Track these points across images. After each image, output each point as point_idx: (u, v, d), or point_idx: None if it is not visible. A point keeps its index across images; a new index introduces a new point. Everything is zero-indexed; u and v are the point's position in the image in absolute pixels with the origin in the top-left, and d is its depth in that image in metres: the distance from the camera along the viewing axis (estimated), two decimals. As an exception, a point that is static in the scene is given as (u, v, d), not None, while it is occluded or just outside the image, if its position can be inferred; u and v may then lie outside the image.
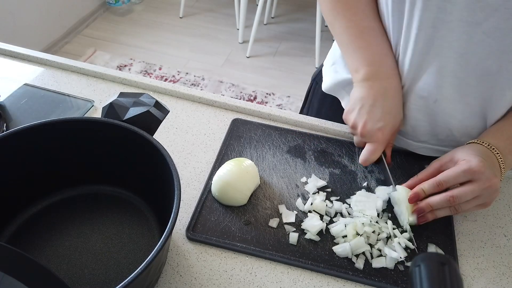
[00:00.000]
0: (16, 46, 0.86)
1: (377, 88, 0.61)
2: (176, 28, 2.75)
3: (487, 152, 0.57)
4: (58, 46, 2.49)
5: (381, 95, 0.61)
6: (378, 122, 0.60)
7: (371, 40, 0.62)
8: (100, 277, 0.51)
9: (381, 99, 0.61)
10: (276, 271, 0.55)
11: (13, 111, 0.73)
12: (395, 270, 0.54)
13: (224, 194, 0.59)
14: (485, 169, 0.53)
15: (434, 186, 0.56)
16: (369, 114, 0.60)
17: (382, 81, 0.61)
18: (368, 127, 0.60)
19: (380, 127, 0.60)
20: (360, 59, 0.63)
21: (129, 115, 0.52)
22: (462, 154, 0.57)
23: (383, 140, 0.61)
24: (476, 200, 0.55)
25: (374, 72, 0.62)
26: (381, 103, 0.60)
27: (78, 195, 0.59)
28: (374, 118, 0.60)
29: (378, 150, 0.61)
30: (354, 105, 0.62)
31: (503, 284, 0.55)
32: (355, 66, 0.64)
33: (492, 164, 0.55)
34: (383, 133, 0.61)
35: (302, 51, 2.62)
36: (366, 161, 0.62)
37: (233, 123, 0.74)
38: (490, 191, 0.54)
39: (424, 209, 0.57)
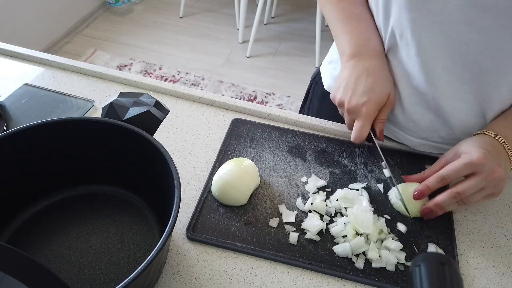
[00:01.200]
0: (16, 46, 0.86)
1: (360, 67, 0.64)
2: (176, 28, 2.75)
3: (494, 142, 0.57)
4: (58, 46, 2.49)
5: (363, 73, 0.63)
6: (362, 97, 0.62)
7: (357, 25, 0.66)
8: (100, 277, 0.51)
9: (364, 77, 0.63)
10: (276, 271, 0.55)
11: (13, 111, 0.73)
12: (395, 270, 0.54)
13: (224, 194, 0.59)
14: (486, 161, 0.53)
15: (437, 181, 0.57)
16: (353, 90, 0.63)
17: (364, 60, 0.64)
18: (353, 103, 0.62)
19: (364, 101, 0.62)
20: (346, 42, 0.66)
21: (129, 115, 0.52)
22: (465, 147, 0.57)
23: (367, 114, 0.62)
24: (482, 192, 0.55)
25: (357, 53, 0.64)
26: (364, 80, 0.62)
27: (78, 195, 0.59)
28: (358, 93, 0.62)
29: (365, 126, 0.62)
30: (340, 84, 0.65)
31: (503, 284, 0.55)
32: (342, 49, 0.67)
33: (498, 154, 0.56)
34: (367, 108, 0.62)
35: (302, 51, 2.62)
36: (356, 138, 0.63)
37: (233, 123, 0.74)
38: (496, 181, 0.54)
39: (432, 209, 0.58)
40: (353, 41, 0.65)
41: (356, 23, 0.65)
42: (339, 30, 0.67)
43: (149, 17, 2.82)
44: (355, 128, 0.63)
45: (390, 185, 0.63)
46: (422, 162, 0.69)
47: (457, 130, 0.65)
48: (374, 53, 0.64)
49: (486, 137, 0.58)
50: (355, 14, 0.66)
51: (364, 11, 0.66)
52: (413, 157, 0.70)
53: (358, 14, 0.66)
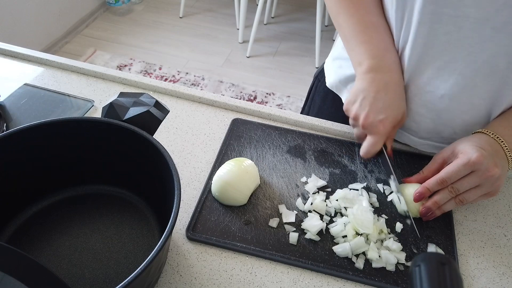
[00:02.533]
0: (16, 46, 0.86)
1: (379, 80, 0.61)
2: (176, 28, 2.75)
3: (492, 142, 0.57)
4: (58, 46, 2.49)
5: (383, 87, 0.61)
6: (380, 114, 0.60)
7: (374, 35, 0.63)
8: (100, 277, 0.51)
9: (383, 92, 0.60)
10: (276, 271, 0.55)
11: (13, 111, 0.73)
12: (395, 270, 0.54)
13: (224, 194, 0.59)
14: (483, 159, 0.53)
15: (437, 184, 0.57)
16: (371, 105, 0.60)
17: (384, 74, 0.61)
18: (370, 119, 0.60)
19: (382, 119, 0.60)
20: (363, 53, 0.63)
21: (129, 115, 0.52)
22: (462, 146, 0.57)
23: (384, 132, 0.61)
24: (478, 190, 0.55)
25: (376, 65, 0.62)
26: (383, 95, 0.60)
27: (78, 195, 0.59)
28: (376, 110, 0.60)
29: (379, 142, 0.61)
30: (356, 96, 0.62)
31: (503, 284, 0.55)
32: (358, 60, 0.64)
33: (495, 153, 0.56)
34: (384, 125, 0.60)
35: (302, 51, 2.62)
36: (367, 153, 0.62)
37: (233, 123, 0.74)
38: (491, 180, 0.54)
39: (431, 208, 0.58)
40: (371, 52, 0.62)
41: (373, 33, 0.63)
42: (355, 40, 0.64)
43: (149, 17, 2.82)
44: (367, 143, 0.61)
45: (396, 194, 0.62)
46: (422, 162, 0.69)
47: (460, 131, 0.65)
48: (392, 66, 0.62)
49: (484, 136, 0.58)
50: (372, 23, 0.63)
51: (380, 21, 0.63)
52: (413, 157, 0.70)
53: (374, 23, 0.63)
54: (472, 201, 0.57)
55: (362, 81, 0.62)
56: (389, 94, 0.61)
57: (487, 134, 0.58)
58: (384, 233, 0.57)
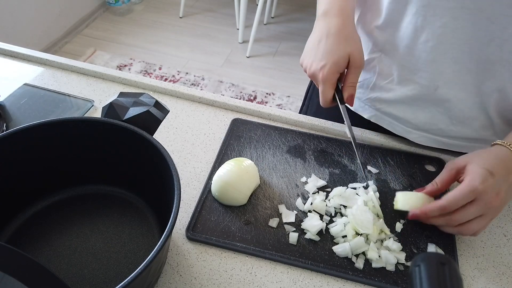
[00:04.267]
0: (16, 46, 0.86)
1: (321, 26, 0.62)
2: (176, 28, 2.75)
3: (507, 158, 0.54)
4: (58, 46, 2.49)
5: (325, 34, 0.61)
6: (320, 61, 0.60)
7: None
8: (100, 277, 0.51)
9: (324, 39, 0.61)
10: (276, 271, 0.55)
11: (13, 111, 0.73)
12: (395, 270, 0.54)
13: (224, 194, 0.59)
14: (487, 189, 0.51)
15: (438, 211, 0.54)
16: (313, 55, 0.61)
17: (327, 19, 0.62)
18: (313, 68, 0.61)
19: (322, 66, 0.60)
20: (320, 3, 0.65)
21: (129, 115, 0.52)
22: (473, 166, 0.54)
23: (325, 78, 0.60)
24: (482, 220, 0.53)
25: (324, 13, 0.63)
26: (324, 42, 0.61)
27: (78, 195, 0.59)
28: (317, 58, 0.61)
29: (325, 90, 0.61)
30: (305, 49, 0.64)
31: (503, 284, 0.55)
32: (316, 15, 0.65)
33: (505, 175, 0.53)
34: (323, 72, 0.60)
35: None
36: (321, 102, 0.62)
37: (233, 123, 0.74)
38: (493, 209, 0.53)
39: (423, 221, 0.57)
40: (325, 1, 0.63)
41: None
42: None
43: (149, 17, 2.82)
44: (320, 93, 0.62)
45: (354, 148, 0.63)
46: (422, 162, 0.69)
47: (456, 121, 0.65)
48: (338, 11, 0.62)
49: (503, 150, 0.55)
50: None
51: None
52: (413, 157, 0.70)
53: None
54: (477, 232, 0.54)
55: (312, 33, 0.64)
56: (330, 39, 0.60)
57: (506, 146, 0.56)
58: (384, 233, 0.58)
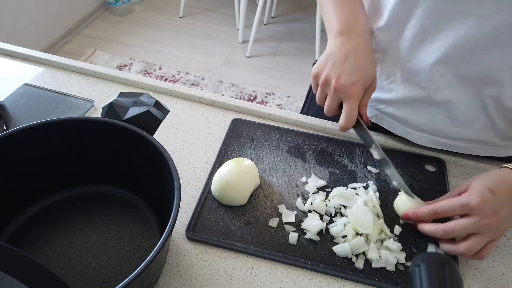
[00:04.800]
0: (16, 46, 0.86)
1: (349, 45, 0.61)
2: (176, 28, 2.75)
3: None
4: (58, 46, 2.49)
5: (353, 51, 0.61)
6: (351, 77, 0.59)
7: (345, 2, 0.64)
8: (100, 277, 0.51)
9: (353, 55, 0.60)
10: (276, 271, 0.55)
11: (13, 111, 0.73)
12: (395, 270, 0.54)
13: (224, 194, 0.59)
14: (483, 206, 0.51)
15: (429, 214, 0.55)
16: (343, 69, 0.59)
17: (353, 38, 0.62)
18: (342, 81, 0.59)
19: (353, 81, 0.59)
20: (335, 17, 0.63)
21: (129, 115, 0.52)
22: (475, 184, 0.54)
23: (357, 95, 0.59)
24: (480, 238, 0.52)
25: (346, 30, 0.62)
26: (353, 59, 0.60)
27: (78, 195, 0.59)
28: (347, 73, 0.59)
29: (354, 107, 0.60)
30: (325, 61, 0.61)
31: (503, 284, 0.55)
32: (330, 24, 0.64)
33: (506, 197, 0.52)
34: (355, 88, 0.59)
35: (302, 51, 2.62)
36: (346, 123, 0.60)
37: (233, 123, 0.74)
38: (490, 229, 0.51)
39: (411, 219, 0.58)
40: (342, 16, 0.63)
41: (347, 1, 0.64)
42: (328, 5, 0.65)
43: (149, 17, 2.82)
44: (344, 111, 0.60)
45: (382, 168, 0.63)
46: (422, 162, 0.69)
47: (457, 122, 0.65)
48: (362, 31, 0.62)
49: (509, 173, 0.55)
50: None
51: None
52: (413, 157, 0.70)
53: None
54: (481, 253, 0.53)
55: (332, 45, 0.62)
56: (359, 57, 0.60)
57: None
58: (384, 233, 0.58)
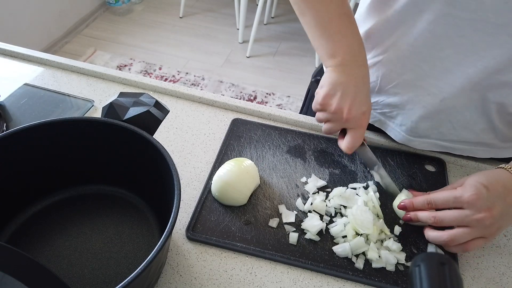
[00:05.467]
0: (16, 46, 0.86)
1: (357, 74, 0.62)
2: (176, 28, 2.75)
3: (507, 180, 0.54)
4: (58, 46, 2.49)
5: (361, 81, 0.61)
6: (362, 107, 0.60)
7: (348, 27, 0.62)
8: (100, 277, 0.51)
9: (361, 85, 0.61)
10: (276, 271, 0.55)
11: (13, 111, 0.73)
12: (395, 270, 0.54)
13: (224, 194, 0.59)
14: (476, 201, 0.51)
15: (423, 204, 0.56)
16: (354, 99, 0.60)
17: (359, 68, 0.62)
18: (354, 112, 0.60)
19: (364, 111, 0.60)
20: (338, 43, 0.62)
21: (129, 115, 0.52)
22: (469, 180, 0.54)
23: (366, 124, 0.62)
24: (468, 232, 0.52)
25: (352, 59, 0.62)
26: (361, 88, 0.61)
27: (78, 195, 0.59)
28: (358, 102, 0.60)
29: (361, 136, 0.62)
30: (335, 90, 0.61)
31: (503, 284, 0.55)
32: (332, 51, 0.63)
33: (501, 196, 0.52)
34: (366, 118, 0.61)
35: (302, 51, 2.62)
36: (353, 148, 0.62)
37: (233, 123, 0.74)
38: (482, 224, 0.51)
39: (412, 219, 0.58)
40: (347, 44, 0.62)
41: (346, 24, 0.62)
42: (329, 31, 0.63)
43: (149, 17, 2.82)
44: (352, 138, 0.61)
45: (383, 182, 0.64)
46: (422, 162, 0.69)
47: (458, 125, 0.65)
48: (365, 61, 0.63)
49: (505, 172, 0.55)
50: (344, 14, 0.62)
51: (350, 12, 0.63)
52: (413, 157, 0.70)
53: (347, 14, 0.62)
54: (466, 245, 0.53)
55: (337, 74, 0.62)
56: (365, 86, 0.62)
57: (508, 170, 0.55)
58: (385, 234, 0.58)
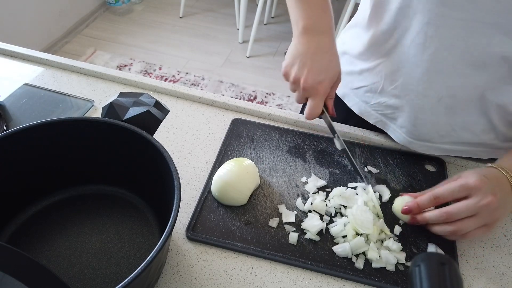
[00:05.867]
0: (16, 46, 0.86)
1: (315, 43, 0.63)
2: (176, 28, 2.75)
3: (499, 175, 0.55)
4: (58, 46, 2.49)
5: (319, 50, 0.63)
6: (319, 76, 0.62)
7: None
8: (100, 277, 0.51)
9: (319, 54, 0.63)
10: (276, 271, 0.55)
11: (13, 111, 0.73)
12: (395, 270, 0.54)
13: (224, 194, 0.59)
14: (482, 186, 0.52)
15: (429, 200, 0.56)
16: (310, 68, 0.62)
17: (318, 36, 0.63)
18: (310, 81, 0.62)
19: (320, 80, 0.62)
20: (300, 11, 0.65)
21: (129, 115, 0.52)
22: (466, 172, 0.56)
23: (323, 93, 0.63)
24: (475, 220, 0.53)
25: (311, 26, 0.64)
26: (319, 58, 0.63)
27: (78, 195, 0.59)
28: (314, 72, 0.62)
29: (320, 104, 0.64)
30: (293, 60, 0.64)
31: (503, 284, 0.55)
32: (295, 19, 0.65)
33: (498, 185, 0.54)
34: (323, 87, 0.63)
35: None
36: (310, 115, 0.64)
37: (233, 123, 0.74)
38: (489, 209, 0.52)
39: (419, 222, 0.57)
40: (308, 12, 0.64)
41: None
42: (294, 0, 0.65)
43: (149, 17, 2.82)
44: (309, 106, 0.64)
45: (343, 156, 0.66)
46: (422, 162, 0.69)
47: (458, 128, 0.65)
48: (326, 28, 0.64)
49: (494, 170, 0.56)
50: None
51: None
52: (413, 157, 0.70)
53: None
54: (470, 233, 0.54)
55: (298, 44, 0.64)
56: (325, 56, 0.63)
57: (496, 168, 0.56)
58: (385, 233, 0.57)
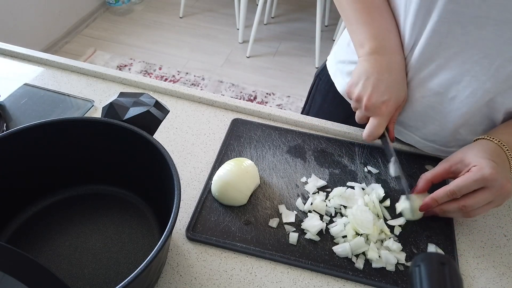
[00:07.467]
0: (16, 46, 0.86)
1: (382, 62, 0.61)
2: (176, 28, 2.75)
3: (497, 149, 0.56)
4: (58, 46, 2.49)
5: (386, 69, 0.61)
6: (383, 96, 0.60)
7: (376, 16, 0.62)
8: (100, 277, 0.51)
9: (386, 73, 0.60)
10: (276, 271, 0.55)
11: (13, 111, 0.73)
12: (395, 270, 0.54)
13: (224, 194, 0.59)
14: (497, 176, 0.52)
15: (447, 196, 0.56)
16: (374, 87, 0.60)
17: (386, 55, 0.61)
18: (373, 100, 0.60)
19: (385, 100, 0.60)
20: (365, 33, 0.62)
21: (129, 115, 0.52)
22: (473, 157, 0.55)
23: (387, 113, 0.61)
24: (489, 205, 0.54)
25: (379, 47, 0.61)
26: (386, 77, 0.60)
27: (78, 195, 0.59)
28: (379, 91, 0.60)
29: (382, 124, 0.61)
30: (358, 78, 0.62)
31: (503, 284, 0.55)
32: (360, 41, 0.63)
33: (502, 163, 0.55)
34: (387, 107, 0.60)
35: (302, 51, 2.62)
36: (370, 135, 0.61)
37: (233, 123, 0.74)
38: (503, 196, 0.53)
39: (437, 214, 0.58)
40: (373, 33, 0.62)
41: (376, 15, 0.62)
42: (357, 21, 0.63)
43: (149, 17, 2.82)
44: (370, 125, 0.61)
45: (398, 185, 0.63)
46: (422, 162, 0.69)
47: (463, 130, 0.64)
48: (395, 48, 0.61)
49: (490, 143, 0.57)
50: (375, 6, 0.62)
51: (384, 4, 0.63)
52: (413, 157, 0.70)
53: (378, 6, 0.62)
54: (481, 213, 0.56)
55: (364, 62, 0.62)
56: (392, 75, 0.61)
57: (491, 141, 0.57)
58: (385, 233, 0.57)
